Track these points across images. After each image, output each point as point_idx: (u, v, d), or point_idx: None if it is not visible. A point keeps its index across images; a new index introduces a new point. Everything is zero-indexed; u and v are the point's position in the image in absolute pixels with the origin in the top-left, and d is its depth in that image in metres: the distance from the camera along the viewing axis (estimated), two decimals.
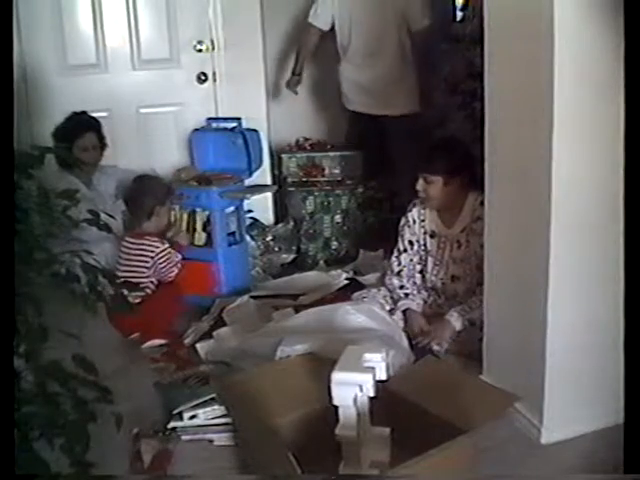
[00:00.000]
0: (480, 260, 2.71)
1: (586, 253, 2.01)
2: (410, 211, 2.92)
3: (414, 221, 2.91)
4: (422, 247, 2.92)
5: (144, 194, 3.06)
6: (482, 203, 2.72)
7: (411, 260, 2.93)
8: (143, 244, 2.99)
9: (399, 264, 2.94)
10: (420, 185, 2.76)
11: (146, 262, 2.97)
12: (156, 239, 3.02)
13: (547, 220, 1.96)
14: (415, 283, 2.94)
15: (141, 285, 2.92)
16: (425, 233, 2.90)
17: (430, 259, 2.90)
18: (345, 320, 2.54)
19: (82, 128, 3.40)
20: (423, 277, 2.94)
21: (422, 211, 2.89)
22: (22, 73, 3.47)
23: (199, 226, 3.32)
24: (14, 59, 1.53)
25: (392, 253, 2.99)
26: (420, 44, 3.63)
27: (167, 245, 3.03)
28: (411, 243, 2.92)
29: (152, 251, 2.98)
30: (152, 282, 3.01)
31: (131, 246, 3.01)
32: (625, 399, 1.55)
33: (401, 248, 2.94)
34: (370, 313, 2.61)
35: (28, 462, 1.30)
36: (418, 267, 2.94)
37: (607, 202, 1.93)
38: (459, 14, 3.84)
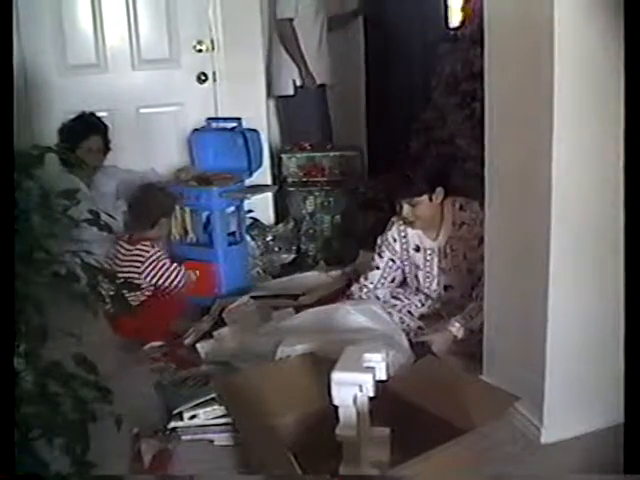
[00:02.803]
0: (471, 264, 2.72)
1: (586, 253, 2.01)
2: (389, 230, 2.89)
3: (394, 239, 2.88)
4: (405, 262, 2.90)
5: (151, 205, 3.06)
6: (461, 208, 2.75)
7: (384, 277, 2.91)
8: (138, 249, 2.98)
9: (365, 279, 2.92)
10: (406, 211, 2.74)
11: (137, 267, 2.96)
12: (148, 244, 3.00)
13: (547, 220, 1.96)
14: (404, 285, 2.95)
15: (139, 287, 2.92)
16: (408, 248, 2.88)
17: (420, 273, 2.89)
18: (345, 320, 2.54)
19: (88, 130, 3.40)
20: (417, 288, 2.94)
21: (402, 228, 2.86)
22: (22, 73, 3.47)
23: (189, 225, 3.33)
24: (14, 59, 1.52)
25: None
26: (283, 33, 3.93)
27: (157, 249, 3.02)
28: (392, 261, 2.90)
29: (142, 256, 2.97)
30: (149, 288, 3.00)
31: (125, 252, 2.99)
32: (625, 399, 1.54)
33: (373, 265, 2.92)
34: (370, 313, 2.61)
35: (28, 462, 1.30)
36: (396, 282, 2.93)
37: (607, 202, 1.92)
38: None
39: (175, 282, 3.03)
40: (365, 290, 2.91)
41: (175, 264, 3.06)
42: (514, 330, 2.22)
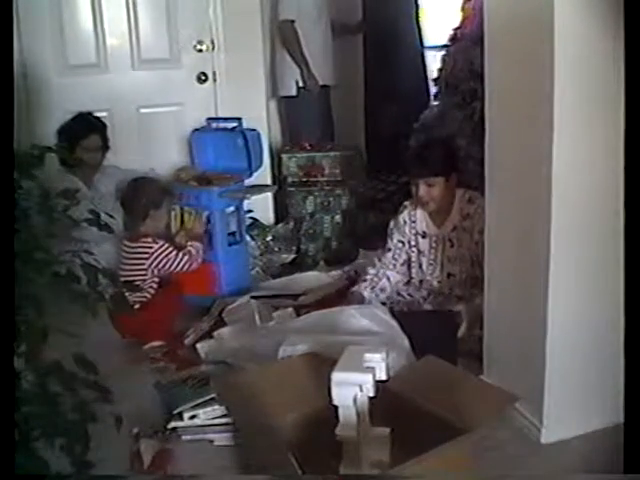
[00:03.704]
0: (475, 257, 2.74)
1: (586, 253, 2.01)
2: (401, 213, 2.98)
3: (404, 222, 2.97)
4: (412, 247, 2.96)
5: (137, 197, 3.03)
6: (470, 200, 2.79)
7: (395, 259, 2.99)
8: (139, 246, 2.98)
9: (379, 260, 3.02)
10: (422, 190, 2.81)
11: (143, 264, 2.97)
12: (150, 239, 2.99)
13: (547, 220, 1.96)
14: (410, 281, 2.99)
15: (142, 287, 2.93)
16: (416, 234, 2.95)
17: (424, 259, 2.94)
18: (348, 323, 2.54)
19: (87, 129, 3.40)
20: (421, 281, 2.96)
21: (412, 212, 2.94)
22: (22, 73, 3.47)
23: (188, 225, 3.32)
24: (14, 59, 1.52)
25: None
26: (285, 34, 3.94)
27: (162, 242, 3.01)
28: (401, 242, 2.98)
29: (146, 252, 2.97)
30: (154, 283, 3.00)
31: (128, 249, 3.01)
32: (625, 399, 1.55)
33: (387, 247, 3.01)
34: (373, 317, 2.60)
35: (28, 462, 1.30)
36: (402, 268, 3.01)
37: (607, 201, 1.93)
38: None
39: (182, 269, 3.03)
40: (379, 267, 3.00)
41: (179, 254, 3.03)
42: (514, 330, 2.22)
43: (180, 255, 3.02)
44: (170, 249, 3.01)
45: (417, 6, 4.59)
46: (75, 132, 3.37)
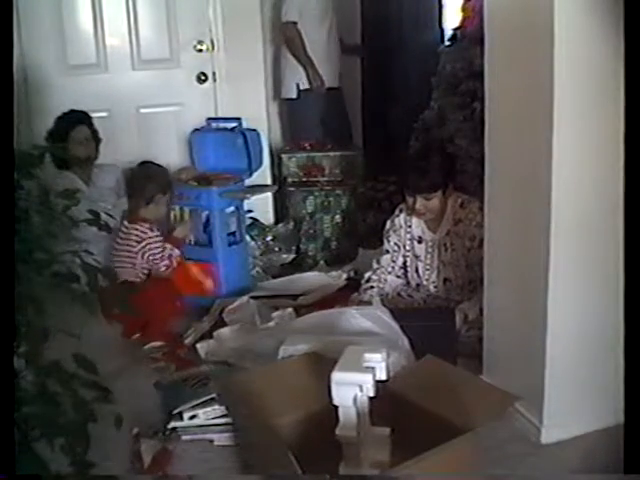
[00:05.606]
0: (469, 261, 2.74)
1: (586, 253, 2.01)
2: (397, 216, 2.97)
3: (400, 226, 2.96)
4: (407, 252, 2.96)
5: (147, 179, 3.10)
6: (462, 205, 2.80)
7: (393, 261, 2.99)
8: (135, 228, 3.03)
9: (377, 262, 3.01)
10: (419, 203, 2.80)
11: (133, 247, 3.00)
12: (147, 225, 3.04)
13: (547, 220, 1.96)
14: (408, 283, 3.00)
15: (131, 271, 3.00)
16: (412, 239, 2.94)
17: (420, 264, 2.94)
18: (349, 324, 2.54)
19: (72, 122, 3.42)
20: (418, 285, 2.96)
21: (407, 217, 2.94)
22: (22, 73, 3.47)
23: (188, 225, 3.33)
24: (14, 59, 1.52)
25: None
26: (288, 36, 3.92)
27: (157, 233, 3.05)
28: (397, 246, 2.98)
29: (139, 236, 3.01)
30: (143, 270, 3.03)
31: (125, 230, 3.05)
32: (625, 399, 1.54)
33: (384, 249, 3.01)
34: (374, 318, 2.60)
35: (28, 462, 1.30)
36: (401, 270, 3.02)
37: (607, 202, 1.93)
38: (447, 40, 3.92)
39: (160, 269, 3.05)
40: (379, 272, 2.99)
41: (164, 253, 3.06)
42: (514, 330, 2.22)
43: (165, 255, 3.05)
44: (159, 244, 3.05)
45: (441, 6, 4.56)
46: (61, 128, 3.39)
